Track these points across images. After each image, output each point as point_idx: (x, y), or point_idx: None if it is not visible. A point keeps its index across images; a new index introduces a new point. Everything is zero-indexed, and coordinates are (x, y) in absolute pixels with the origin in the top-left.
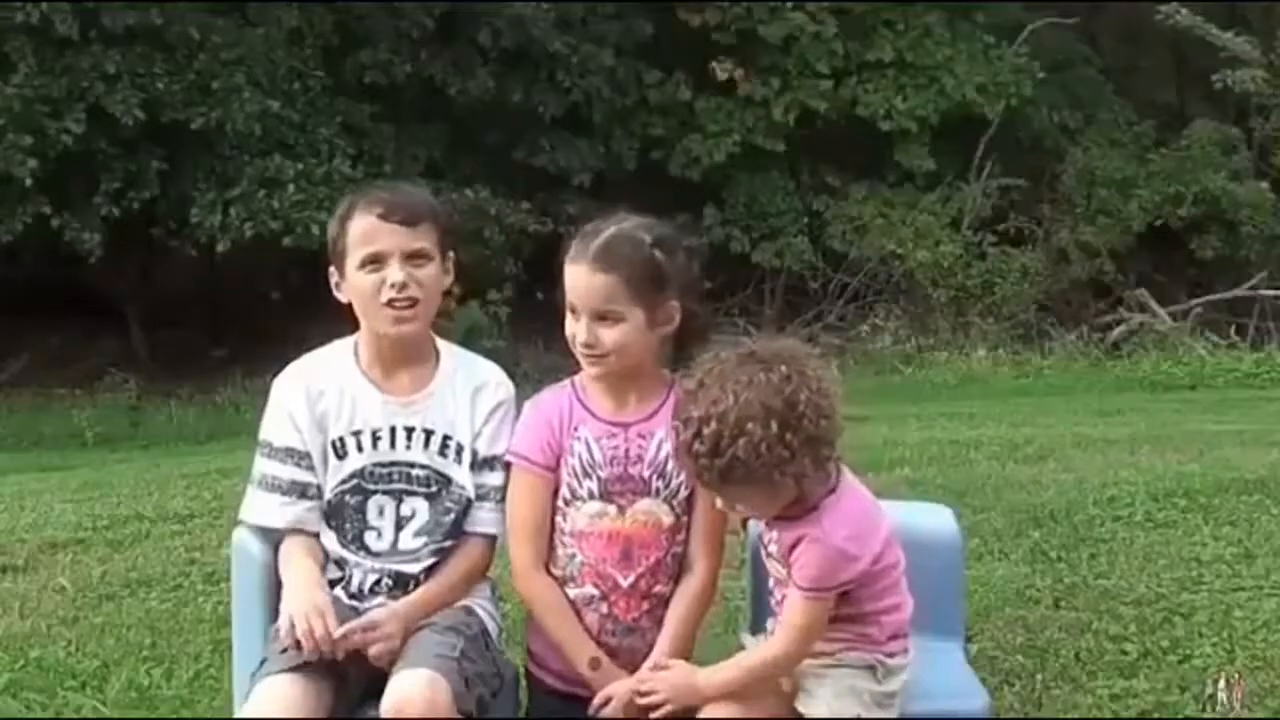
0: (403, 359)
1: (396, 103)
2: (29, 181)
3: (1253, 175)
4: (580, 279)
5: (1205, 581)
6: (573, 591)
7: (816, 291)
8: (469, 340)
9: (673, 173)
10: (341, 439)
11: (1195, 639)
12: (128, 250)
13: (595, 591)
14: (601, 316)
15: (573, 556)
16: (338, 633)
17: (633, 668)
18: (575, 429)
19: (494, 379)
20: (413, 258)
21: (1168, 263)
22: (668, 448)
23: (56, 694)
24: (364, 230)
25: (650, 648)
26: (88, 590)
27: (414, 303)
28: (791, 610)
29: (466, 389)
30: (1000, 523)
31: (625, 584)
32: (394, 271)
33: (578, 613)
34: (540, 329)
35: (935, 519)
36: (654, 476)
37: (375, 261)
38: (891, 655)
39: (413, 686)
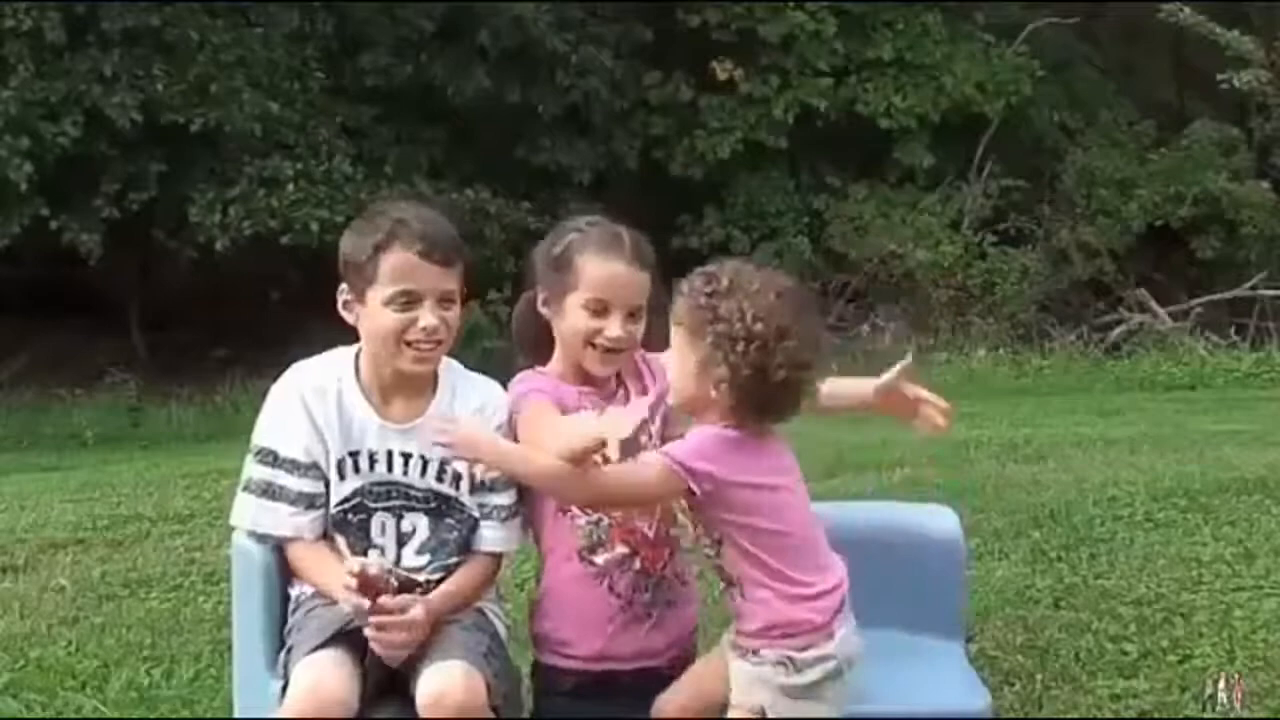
0: (405, 386)
1: (396, 104)
2: (24, 186)
3: (1253, 175)
4: (621, 276)
5: (1205, 581)
6: (603, 557)
7: (816, 291)
8: (469, 340)
9: (673, 172)
10: (340, 460)
11: (1195, 639)
12: (127, 251)
13: (625, 549)
14: (635, 313)
15: (597, 522)
16: (383, 599)
17: (666, 634)
18: (581, 406)
19: (491, 402)
20: (444, 299)
21: (1168, 263)
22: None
23: (56, 694)
24: (402, 268)
25: (673, 601)
26: (88, 590)
27: (439, 344)
28: (643, 464)
29: (463, 415)
30: (1000, 523)
31: (651, 534)
32: (428, 314)
33: (611, 585)
34: None
35: (938, 520)
36: (645, 432)
37: (409, 300)
38: (804, 649)
39: (451, 678)
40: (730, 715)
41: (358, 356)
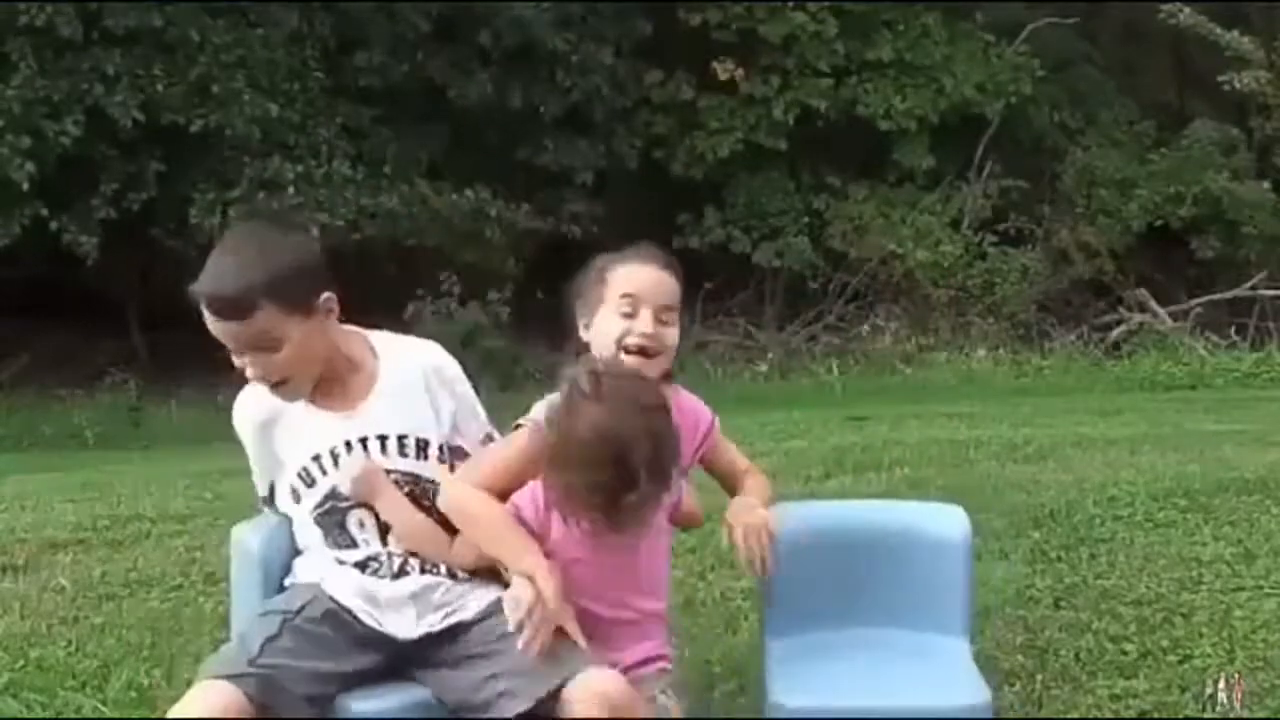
0: (333, 378)
1: (396, 104)
2: (26, 185)
3: (1253, 175)
4: (652, 274)
5: (1205, 581)
6: None
7: (816, 291)
8: (469, 340)
9: (674, 172)
10: (305, 468)
11: (1195, 639)
12: (127, 251)
13: None
14: (665, 314)
15: None
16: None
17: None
18: None
19: (438, 366)
20: (257, 346)
21: (1168, 263)
22: None
23: (56, 694)
24: (211, 326)
25: None
26: (88, 590)
27: (282, 381)
28: None
29: (406, 384)
30: (1000, 523)
31: None
32: (249, 366)
33: None
34: (541, 329)
35: (947, 518)
36: None
37: (233, 351)
38: None
39: (607, 678)
40: None
41: None
